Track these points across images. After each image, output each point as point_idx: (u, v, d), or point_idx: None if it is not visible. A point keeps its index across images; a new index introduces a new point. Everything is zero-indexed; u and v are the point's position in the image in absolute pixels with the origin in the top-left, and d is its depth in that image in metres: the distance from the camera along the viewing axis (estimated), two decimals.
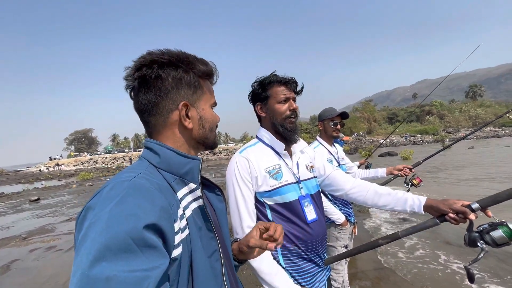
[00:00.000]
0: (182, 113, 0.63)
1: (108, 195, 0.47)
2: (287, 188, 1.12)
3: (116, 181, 0.51)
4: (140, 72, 0.61)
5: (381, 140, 5.15)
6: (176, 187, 0.61)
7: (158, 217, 0.48)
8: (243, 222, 1.08)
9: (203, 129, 0.68)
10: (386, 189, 1.15)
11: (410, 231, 1.01)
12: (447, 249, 3.48)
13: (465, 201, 0.92)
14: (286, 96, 1.16)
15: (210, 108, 0.71)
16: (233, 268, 0.77)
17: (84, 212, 0.48)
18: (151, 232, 0.46)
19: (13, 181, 27.21)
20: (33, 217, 8.10)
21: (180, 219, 0.57)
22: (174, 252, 0.53)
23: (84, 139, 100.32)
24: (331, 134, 2.14)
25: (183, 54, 0.65)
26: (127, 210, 0.45)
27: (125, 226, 0.43)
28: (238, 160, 1.13)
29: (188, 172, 0.63)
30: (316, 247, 1.13)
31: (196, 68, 0.65)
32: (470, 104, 68.79)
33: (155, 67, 0.61)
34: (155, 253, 0.45)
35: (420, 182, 2.11)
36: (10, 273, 3.93)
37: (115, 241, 0.41)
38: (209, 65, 0.69)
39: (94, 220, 0.44)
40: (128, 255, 0.42)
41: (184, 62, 0.64)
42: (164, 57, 0.62)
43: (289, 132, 1.16)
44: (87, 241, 0.42)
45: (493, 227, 0.84)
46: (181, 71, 0.63)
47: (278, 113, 1.17)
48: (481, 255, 0.84)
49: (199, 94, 0.67)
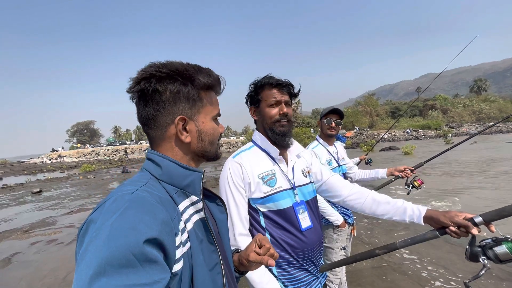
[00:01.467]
0: (179, 127, 0.63)
1: (109, 209, 0.48)
2: (281, 195, 1.09)
3: (118, 194, 0.51)
4: (139, 86, 0.61)
5: (383, 135, 5.15)
6: (177, 199, 0.61)
7: (159, 231, 0.48)
8: (235, 230, 1.06)
9: (202, 143, 0.67)
10: (385, 197, 1.11)
11: (408, 242, 0.97)
12: (448, 249, 3.47)
13: (468, 214, 0.87)
14: (276, 100, 1.12)
15: (211, 121, 0.69)
16: (234, 280, 0.76)
17: (86, 225, 0.48)
18: (152, 246, 0.46)
19: (16, 172, 27.49)
20: (35, 210, 8.20)
21: (182, 232, 0.57)
22: (175, 266, 0.52)
23: (86, 131, 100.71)
24: (326, 132, 2.09)
25: (182, 67, 0.63)
26: (128, 224, 0.45)
27: (126, 240, 0.43)
28: (231, 165, 1.11)
29: (189, 185, 0.63)
30: (310, 256, 1.11)
31: (195, 81, 0.64)
32: (474, 99, 67.90)
33: (153, 81, 0.61)
34: (156, 267, 0.45)
35: (422, 184, 2.07)
36: (11, 266, 3.98)
37: (116, 256, 0.41)
38: (212, 77, 0.67)
39: (95, 234, 0.44)
40: (129, 270, 0.42)
41: (183, 75, 0.62)
42: (163, 70, 0.61)
43: (278, 136, 1.12)
44: (87, 256, 0.42)
45: (497, 243, 0.79)
46: (179, 85, 0.62)
47: (267, 117, 1.14)
48: (483, 272, 0.80)
49: (199, 107, 0.66)
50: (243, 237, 1.06)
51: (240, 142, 46.02)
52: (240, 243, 1.04)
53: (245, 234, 1.07)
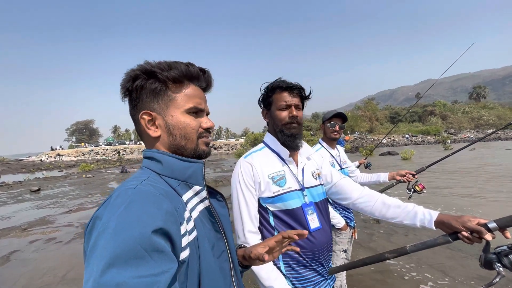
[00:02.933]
0: (144, 122, 0.65)
1: (114, 204, 0.49)
2: (290, 195, 1.11)
3: (121, 190, 0.52)
4: (122, 89, 0.66)
5: (382, 139, 5.15)
6: (180, 191, 0.62)
7: (164, 221, 0.49)
8: (245, 227, 1.09)
9: (173, 137, 0.65)
10: (395, 201, 1.11)
11: (419, 247, 0.96)
12: (448, 254, 3.46)
13: (481, 219, 0.84)
14: (286, 103, 1.14)
15: (183, 114, 0.66)
16: (237, 270, 0.78)
17: (92, 222, 0.49)
18: (159, 236, 0.47)
19: (14, 170, 27.37)
20: (33, 208, 8.16)
21: (187, 221, 0.58)
22: (182, 254, 0.54)
23: (85, 130, 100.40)
24: (329, 135, 2.12)
25: (149, 64, 0.64)
26: (134, 216, 0.46)
27: (133, 232, 0.44)
28: (242, 165, 1.14)
29: (191, 175, 0.64)
30: (319, 256, 1.12)
31: (158, 75, 0.63)
32: (473, 106, 68.13)
33: (130, 82, 0.64)
34: (164, 257, 0.46)
35: (423, 188, 2.08)
36: (9, 264, 3.96)
37: (124, 248, 0.43)
38: (179, 69, 0.64)
39: (103, 229, 0.45)
40: (138, 261, 0.43)
41: (146, 71, 0.64)
42: (134, 70, 0.64)
43: (288, 138, 1.15)
44: (97, 250, 0.44)
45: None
46: (141, 80, 0.63)
47: (277, 119, 1.17)
48: (497, 279, 0.78)
49: (166, 101, 0.65)
50: (252, 234, 1.09)
51: (240, 144, 45.97)
52: (249, 240, 1.07)
53: (254, 231, 1.10)
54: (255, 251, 0.75)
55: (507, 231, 0.82)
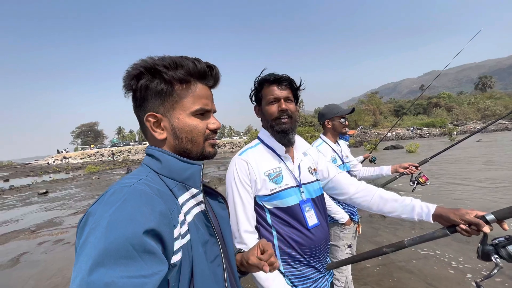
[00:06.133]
0: (150, 124, 0.62)
1: (108, 201, 0.48)
2: (287, 192, 1.09)
3: (117, 187, 0.52)
4: (124, 85, 0.63)
5: (387, 133, 5.13)
6: (177, 193, 0.61)
7: (157, 222, 0.48)
8: (240, 227, 1.05)
9: (179, 140, 0.63)
10: (393, 195, 1.09)
11: (417, 240, 0.95)
12: (455, 247, 3.43)
13: (479, 212, 0.84)
14: (274, 97, 1.11)
15: (189, 117, 0.63)
16: (235, 276, 0.76)
17: (85, 217, 0.48)
18: (150, 237, 0.46)
19: (22, 173, 27.80)
20: (41, 210, 8.29)
21: (181, 224, 0.57)
22: (174, 258, 0.53)
23: (90, 132, 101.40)
24: (340, 131, 2.11)
25: (152, 61, 0.60)
26: (127, 215, 0.45)
27: (124, 231, 0.43)
28: (237, 162, 1.11)
29: (189, 178, 0.63)
30: (317, 253, 1.10)
31: (164, 75, 0.60)
32: (479, 96, 66.94)
33: (134, 80, 0.61)
34: (154, 259, 0.45)
35: (427, 180, 2.05)
36: (19, 265, 4.03)
37: (115, 247, 0.42)
38: (186, 67, 0.61)
39: (94, 226, 0.44)
40: (127, 261, 0.42)
41: (150, 70, 0.60)
42: (137, 67, 0.61)
43: (279, 134, 1.12)
44: (87, 247, 0.43)
45: (510, 241, 0.77)
46: (146, 80, 0.60)
47: (268, 114, 1.14)
48: (495, 271, 0.78)
49: (172, 102, 0.62)
50: (248, 234, 1.05)
51: (243, 142, 46.04)
52: (246, 240, 1.04)
53: (251, 231, 1.07)
54: (252, 258, 0.74)
55: (504, 222, 0.82)
